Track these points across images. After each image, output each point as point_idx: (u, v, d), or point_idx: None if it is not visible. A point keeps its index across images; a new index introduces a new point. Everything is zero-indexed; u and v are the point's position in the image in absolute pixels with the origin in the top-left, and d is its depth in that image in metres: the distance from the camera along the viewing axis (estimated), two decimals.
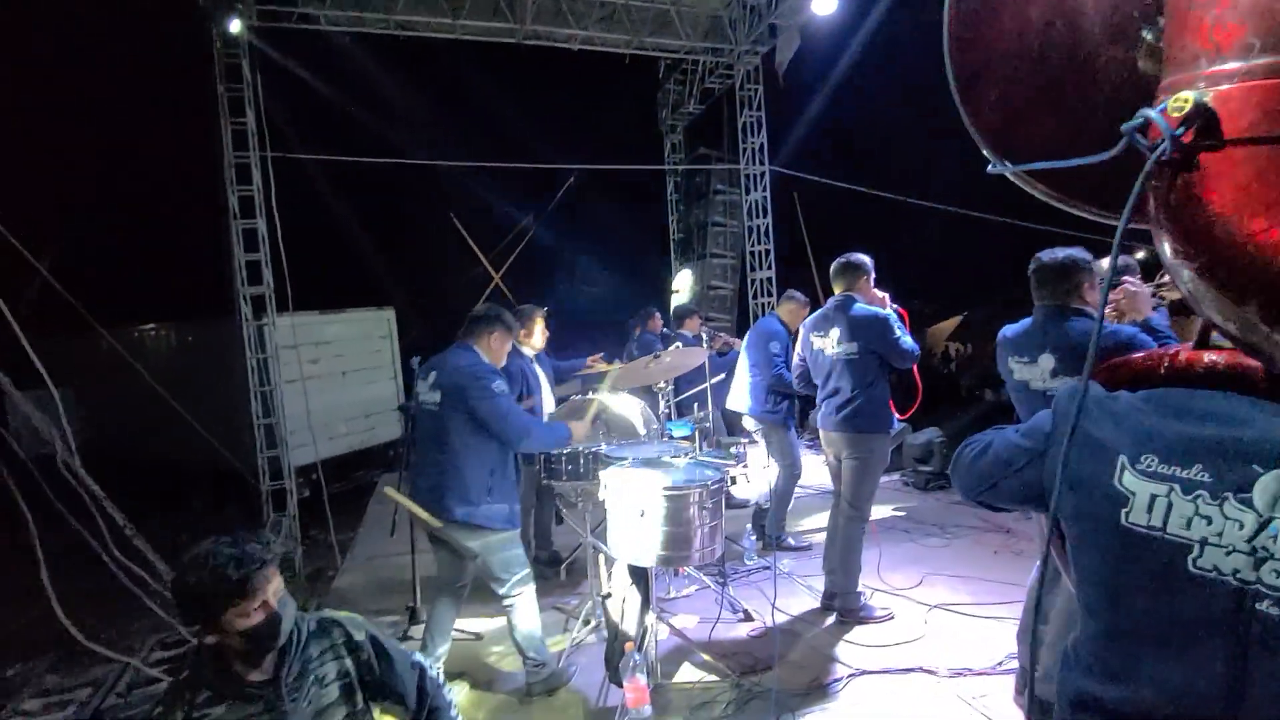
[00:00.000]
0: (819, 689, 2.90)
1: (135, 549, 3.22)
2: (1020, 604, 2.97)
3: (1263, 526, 0.72)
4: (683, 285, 10.42)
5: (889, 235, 8.14)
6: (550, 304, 4.33)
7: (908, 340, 3.39)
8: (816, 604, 3.68)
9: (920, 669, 3.03)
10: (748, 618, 3.55)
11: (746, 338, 4.60)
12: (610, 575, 2.98)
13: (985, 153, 1.10)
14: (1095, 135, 0.86)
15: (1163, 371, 0.91)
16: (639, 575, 2.86)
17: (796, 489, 4.64)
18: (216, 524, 7.59)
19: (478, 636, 3.47)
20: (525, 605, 2.87)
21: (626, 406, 4.43)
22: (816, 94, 9.46)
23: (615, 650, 2.81)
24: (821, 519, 4.27)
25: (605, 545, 3.07)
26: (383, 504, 6.00)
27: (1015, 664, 2.86)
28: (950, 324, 13.39)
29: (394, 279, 11.56)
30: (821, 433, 3.69)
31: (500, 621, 3.54)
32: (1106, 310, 2.52)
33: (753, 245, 8.75)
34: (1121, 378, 0.93)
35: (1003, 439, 1.06)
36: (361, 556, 4.97)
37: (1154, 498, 0.80)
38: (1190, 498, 0.78)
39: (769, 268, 8.69)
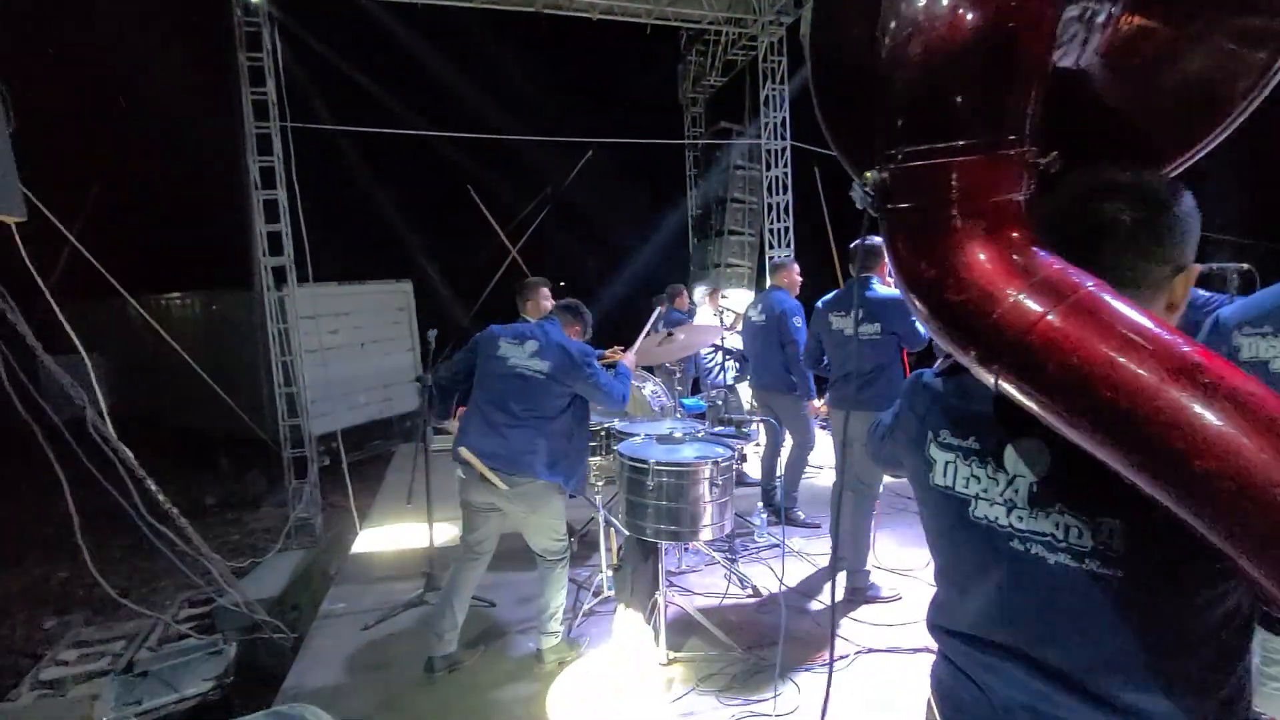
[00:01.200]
0: (824, 665, 2.94)
1: (163, 511, 3.33)
2: None
3: (1010, 482, 0.94)
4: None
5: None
6: (565, 279, 4.34)
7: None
8: (825, 581, 3.71)
9: (927, 649, 3.06)
10: (755, 593, 3.60)
11: (758, 312, 4.57)
12: (621, 548, 3.03)
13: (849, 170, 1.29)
14: None
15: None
16: (648, 549, 2.91)
17: (807, 468, 4.67)
18: (240, 489, 7.82)
19: (491, 604, 3.56)
20: (560, 574, 2.98)
21: (640, 383, 4.46)
22: None
23: (627, 620, 2.87)
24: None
25: (616, 519, 3.12)
26: (400, 472, 6.13)
27: None
28: None
29: (412, 251, 11.64)
30: (834, 411, 3.69)
31: (514, 589, 3.64)
32: None
33: (772, 223, 8.65)
34: (949, 367, 1.10)
35: (885, 419, 1.27)
36: (379, 523, 5.10)
37: (947, 463, 1.02)
38: (968, 462, 0.99)
39: (788, 246, 8.59)
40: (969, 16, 0.87)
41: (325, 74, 7.90)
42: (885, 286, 3.46)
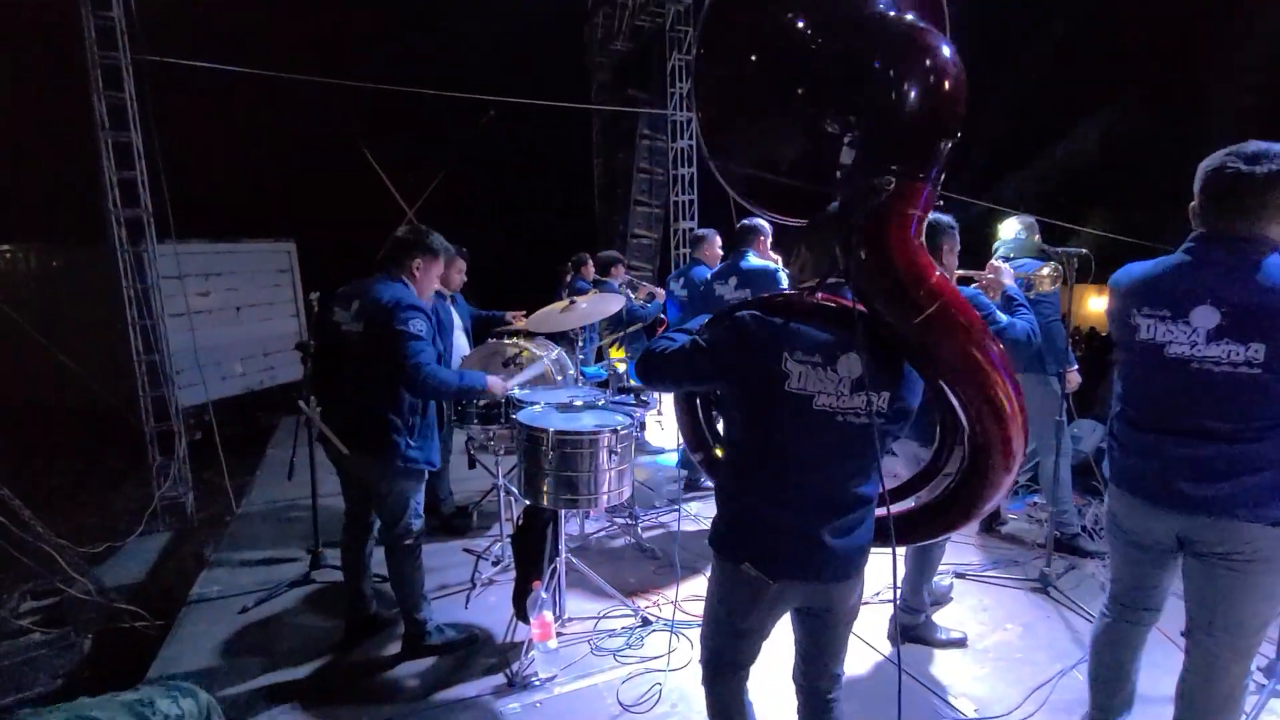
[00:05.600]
0: None
1: None
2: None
3: (841, 379, 1.52)
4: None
5: None
6: (468, 244, 4.17)
7: None
8: None
9: None
10: (653, 556, 3.70)
11: (680, 285, 4.62)
12: (520, 517, 3.01)
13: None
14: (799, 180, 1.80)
15: (806, 302, 1.60)
16: (547, 517, 2.90)
17: None
18: (96, 467, 7.03)
19: (384, 578, 3.44)
20: (410, 555, 2.79)
21: (542, 351, 4.40)
22: None
23: (523, 589, 2.87)
24: None
25: (515, 488, 3.09)
26: (281, 447, 5.74)
27: (888, 596, 3.14)
28: None
29: (296, 210, 10.73)
30: None
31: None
32: (975, 282, 2.81)
33: (677, 195, 8.70)
34: (777, 304, 1.61)
35: (690, 341, 1.66)
36: (259, 501, 4.77)
37: (801, 373, 1.53)
38: (815, 371, 1.52)
39: (693, 218, 8.70)
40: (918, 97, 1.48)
41: (193, 2, 7.00)
42: (760, 259, 3.87)
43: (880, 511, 1.68)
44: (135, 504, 5.67)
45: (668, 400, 4.85)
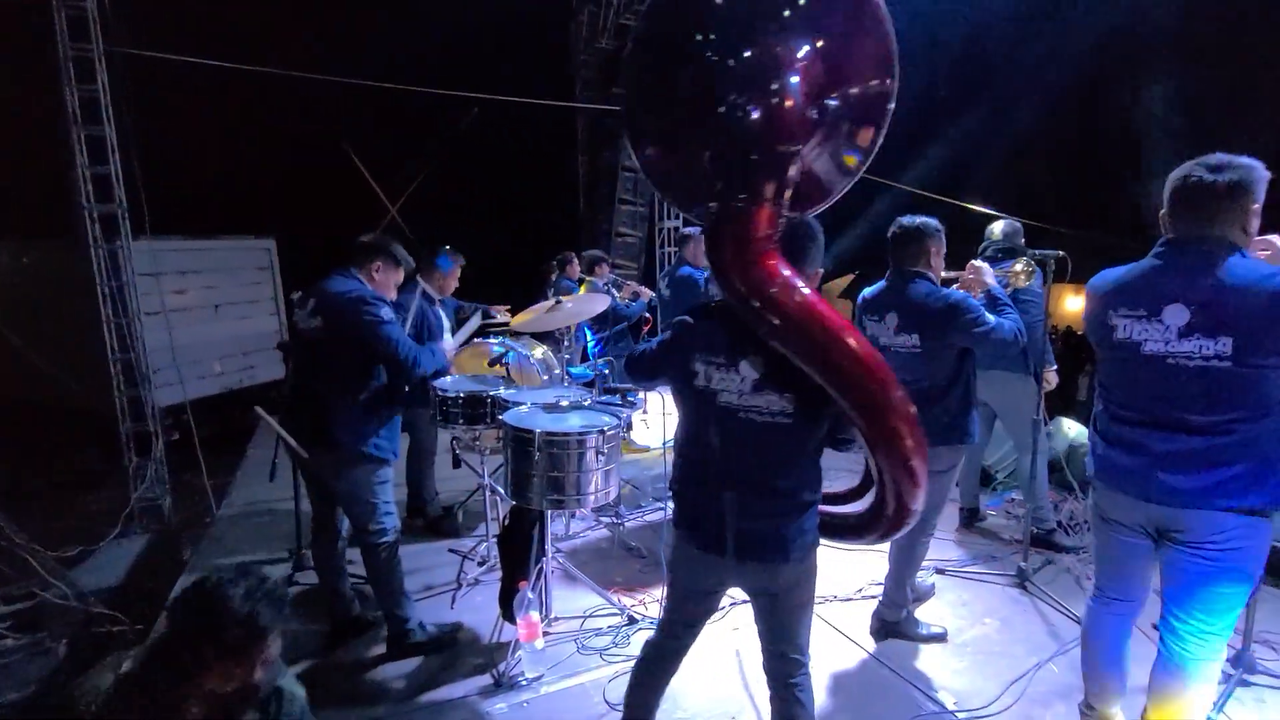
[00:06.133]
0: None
1: None
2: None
3: (744, 379, 1.70)
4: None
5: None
6: (451, 242, 4.15)
7: None
8: None
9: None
10: (639, 555, 3.71)
11: (665, 285, 4.66)
12: (506, 518, 3.00)
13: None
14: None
15: (716, 307, 1.84)
16: (534, 517, 2.90)
17: None
18: (70, 468, 6.88)
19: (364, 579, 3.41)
20: (388, 555, 2.77)
21: (529, 351, 4.39)
22: None
23: (509, 589, 2.86)
24: None
25: (501, 488, 3.09)
26: (261, 448, 5.66)
27: (875, 590, 3.19)
28: (843, 281, 14.11)
29: (277, 206, 10.57)
30: None
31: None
32: (956, 283, 2.86)
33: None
34: (700, 309, 1.85)
35: (657, 342, 1.92)
36: (239, 502, 4.70)
37: (705, 372, 1.75)
38: (718, 371, 1.73)
39: (677, 216, 8.71)
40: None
41: None
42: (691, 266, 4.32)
43: (830, 509, 1.91)
44: (111, 506, 5.56)
45: (654, 400, 4.87)
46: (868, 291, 2.88)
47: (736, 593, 2.85)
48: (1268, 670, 2.65)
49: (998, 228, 3.77)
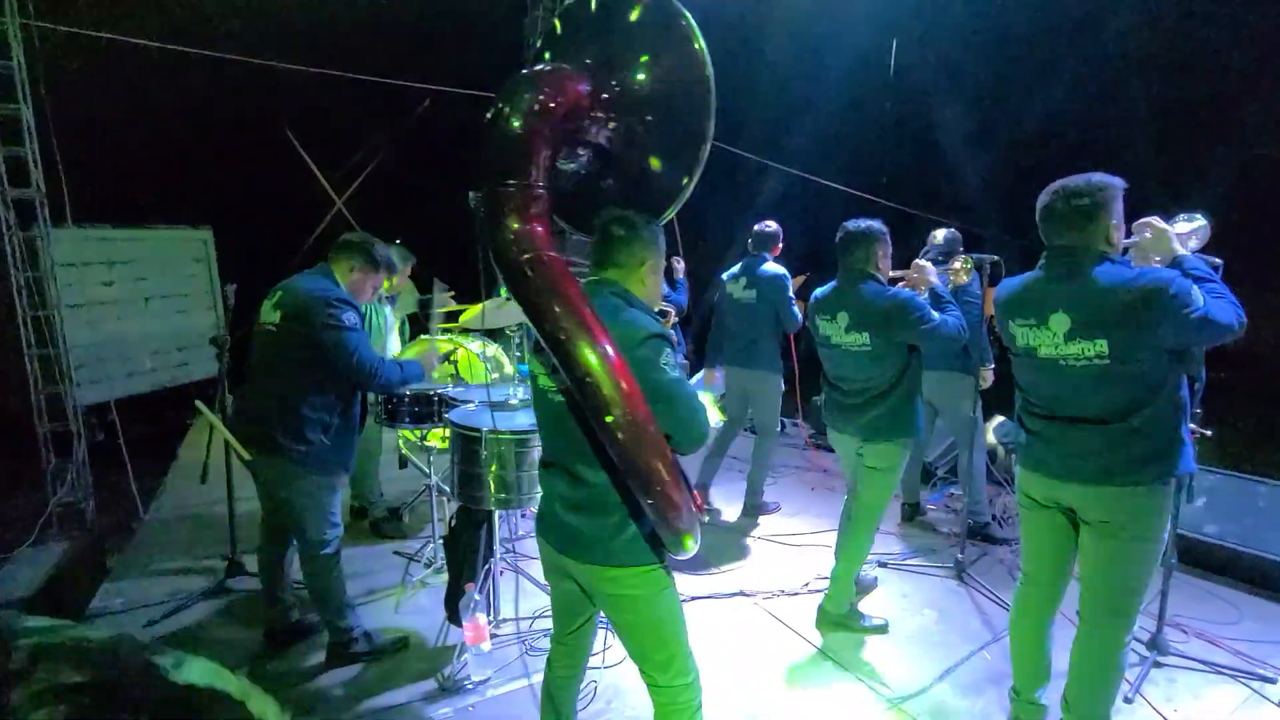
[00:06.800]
0: None
1: None
2: (831, 533, 3.37)
3: (556, 374, 1.66)
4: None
5: (749, 192, 8.41)
6: (400, 236, 4.06)
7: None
8: None
9: (741, 593, 3.36)
10: None
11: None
12: (453, 518, 2.95)
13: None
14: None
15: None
16: (481, 517, 2.85)
17: None
18: None
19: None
20: (328, 565, 2.67)
21: (479, 348, 4.32)
22: None
23: (455, 591, 2.81)
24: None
25: (448, 488, 3.02)
26: (194, 448, 5.40)
27: (820, 585, 3.26)
28: (795, 281, 14.37)
29: (215, 196, 10.09)
30: None
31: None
32: (902, 283, 2.95)
33: None
34: None
35: None
36: (169, 505, 4.48)
37: (546, 373, 1.72)
38: (550, 375, 1.70)
39: None
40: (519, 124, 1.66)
41: None
42: (775, 264, 4.18)
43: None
44: (28, 511, 5.22)
45: None
46: (819, 292, 2.96)
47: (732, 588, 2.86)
48: (1179, 652, 2.83)
49: (940, 234, 3.93)
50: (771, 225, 4.18)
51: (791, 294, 4.07)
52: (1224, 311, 1.86)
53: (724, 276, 4.31)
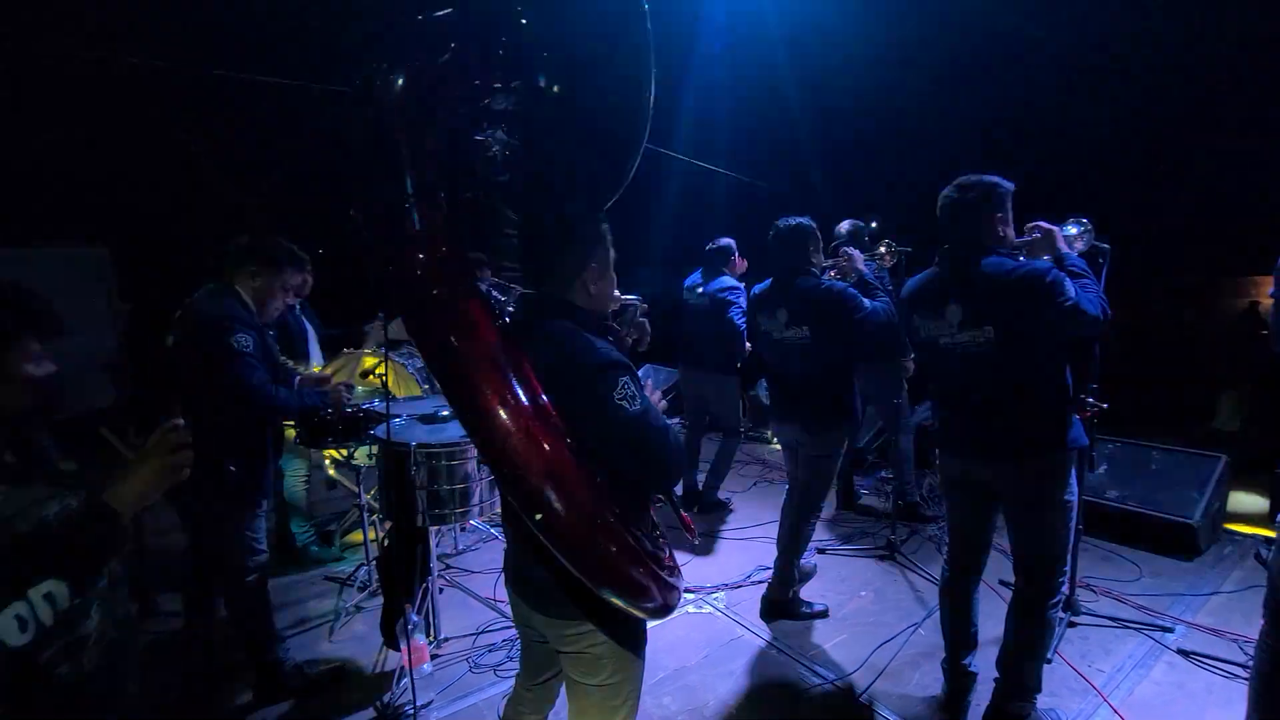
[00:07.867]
0: None
1: None
2: (772, 525, 3.44)
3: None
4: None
5: (691, 196, 8.52)
6: (323, 249, 3.87)
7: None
8: None
9: (686, 588, 3.39)
10: None
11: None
12: (385, 538, 2.83)
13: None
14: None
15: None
16: (415, 535, 2.76)
17: None
18: None
19: None
20: (253, 594, 2.53)
21: (405, 360, 4.18)
22: None
23: (392, 614, 2.70)
24: None
25: (379, 506, 2.91)
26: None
27: (763, 576, 3.32)
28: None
29: (110, 210, 9.38)
30: None
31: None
32: (832, 271, 3.05)
33: None
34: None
35: None
36: None
37: None
38: None
39: None
40: None
41: None
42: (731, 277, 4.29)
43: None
44: None
45: None
46: (757, 289, 3.05)
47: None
48: (1090, 610, 3.04)
49: (844, 226, 4.09)
50: (723, 240, 4.30)
51: (741, 303, 4.12)
52: (1091, 304, 2.01)
53: (685, 283, 4.42)
